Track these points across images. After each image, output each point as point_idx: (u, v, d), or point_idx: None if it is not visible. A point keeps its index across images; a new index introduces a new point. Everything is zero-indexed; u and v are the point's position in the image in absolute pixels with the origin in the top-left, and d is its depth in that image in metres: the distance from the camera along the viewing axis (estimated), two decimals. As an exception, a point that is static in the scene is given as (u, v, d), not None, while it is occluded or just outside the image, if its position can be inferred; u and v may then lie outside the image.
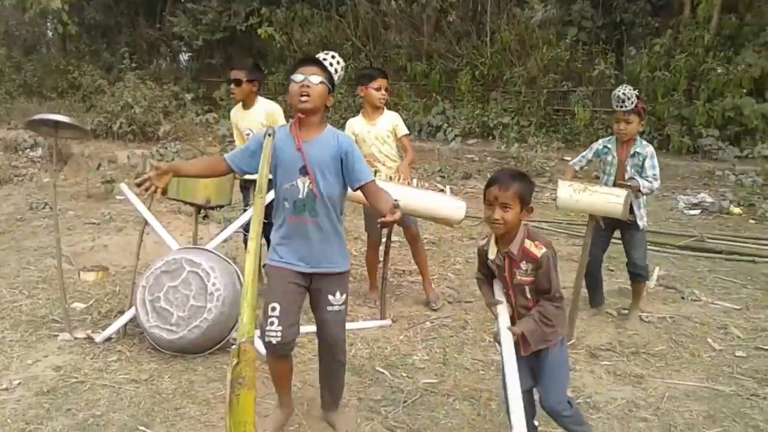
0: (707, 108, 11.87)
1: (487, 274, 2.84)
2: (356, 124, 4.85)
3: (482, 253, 2.79)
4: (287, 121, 3.56)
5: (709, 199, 8.83)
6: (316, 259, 2.94)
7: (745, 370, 3.87)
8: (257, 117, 4.83)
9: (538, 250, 2.59)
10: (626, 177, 4.35)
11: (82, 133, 4.51)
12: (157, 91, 14.77)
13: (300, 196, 2.87)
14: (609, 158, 4.47)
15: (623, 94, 4.27)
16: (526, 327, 2.64)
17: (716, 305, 4.98)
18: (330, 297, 2.97)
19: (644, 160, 4.32)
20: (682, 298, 5.14)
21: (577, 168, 4.64)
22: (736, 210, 8.46)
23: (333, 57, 3.08)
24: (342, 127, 4.65)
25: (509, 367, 2.56)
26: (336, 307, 2.99)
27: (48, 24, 21.68)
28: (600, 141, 4.62)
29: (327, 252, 2.96)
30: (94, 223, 7.17)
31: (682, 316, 4.73)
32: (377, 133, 4.79)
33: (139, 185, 2.87)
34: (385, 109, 4.88)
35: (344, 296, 3.01)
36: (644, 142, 4.42)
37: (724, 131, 11.72)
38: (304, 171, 2.85)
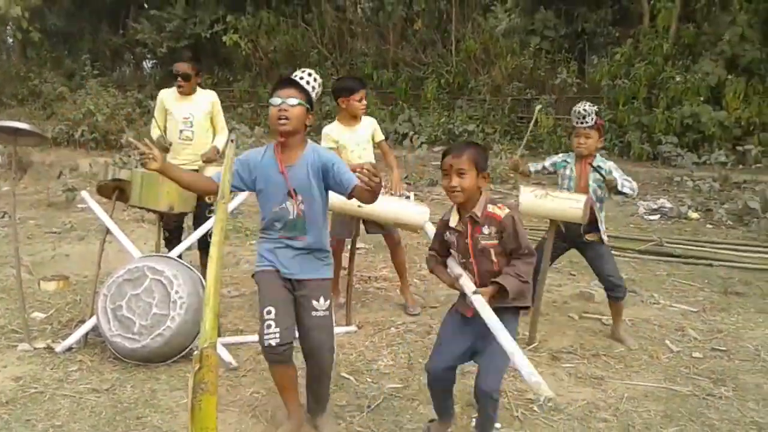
0: (666, 115, 12.14)
1: (439, 252, 2.91)
2: (334, 131, 4.81)
3: (443, 224, 2.84)
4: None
5: (668, 205, 9.03)
6: (302, 269, 3.01)
7: (701, 371, 3.96)
8: (203, 104, 5.09)
9: (501, 211, 2.68)
10: (590, 191, 4.29)
11: (42, 140, 4.46)
12: (120, 98, 14.63)
13: (291, 217, 2.95)
14: (567, 172, 4.42)
15: (584, 110, 4.29)
16: (506, 281, 2.65)
17: (674, 308, 5.10)
18: (314, 302, 3.00)
19: (609, 173, 4.27)
20: (642, 301, 5.25)
21: (532, 170, 4.60)
22: (694, 215, 8.67)
23: (310, 75, 3.12)
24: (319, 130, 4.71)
25: (495, 325, 2.56)
26: (320, 313, 3.01)
27: (8, 30, 21.29)
28: (560, 154, 4.59)
29: (311, 262, 3.03)
30: (54, 232, 7.06)
31: (642, 318, 4.83)
32: (358, 139, 4.81)
33: (141, 154, 2.90)
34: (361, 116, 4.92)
35: (328, 302, 3.05)
36: (603, 158, 4.40)
37: (683, 138, 11.99)
38: (295, 191, 2.92)
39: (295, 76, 3.07)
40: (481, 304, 2.65)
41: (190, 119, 5.03)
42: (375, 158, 4.94)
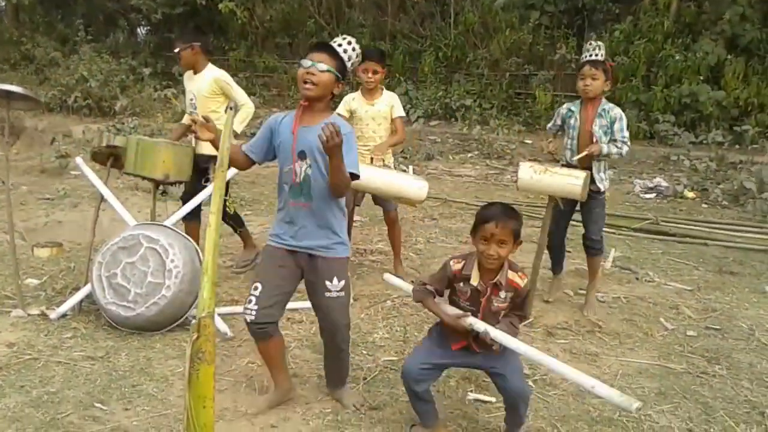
0: (665, 94, 12.07)
1: (438, 288, 2.86)
2: (354, 101, 4.82)
3: (456, 276, 2.79)
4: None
5: (664, 184, 9.02)
6: (313, 242, 2.94)
7: (695, 349, 3.98)
8: (203, 83, 4.78)
9: (521, 281, 2.75)
10: (594, 140, 4.23)
11: (35, 104, 4.39)
12: (114, 64, 14.44)
13: (297, 180, 2.89)
14: (572, 121, 4.36)
15: (595, 43, 4.28)
16: (505, 329, 2.72)
17: (669, 286, 5.11)
18: (327, 283, 2.95)
19: (613, 122, 4.21)
20: (637, 279, 5.26)
21: (552, 132, 4.61)
22: (690, 194, 8.67)
23: (349, 43, 3.00)
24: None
25: (531, 352, 2.66)
26: (334, 294, 2.96)
27: (-1, -7, 20.94)
28: (565, 105, 4.51)
29: (324, 237, 2.95)
30: (48, 199, 7.01)
31: (636, 296, 4.84)
32: (374, 113, 4.79)
33: (192, 123, 2.88)
34: (385, 89, 4.87)
35: (343, 282, 2.98)
36: (610, 105, 4.30)
37: (680, 117, 11.94)
38: (302, 155, 2.86)
39: (335, 42, 2.98)
40: (502, 336, 2.67)
41: (193, 100, 4.83)
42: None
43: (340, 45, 2.96)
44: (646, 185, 9.07)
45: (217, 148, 3.59)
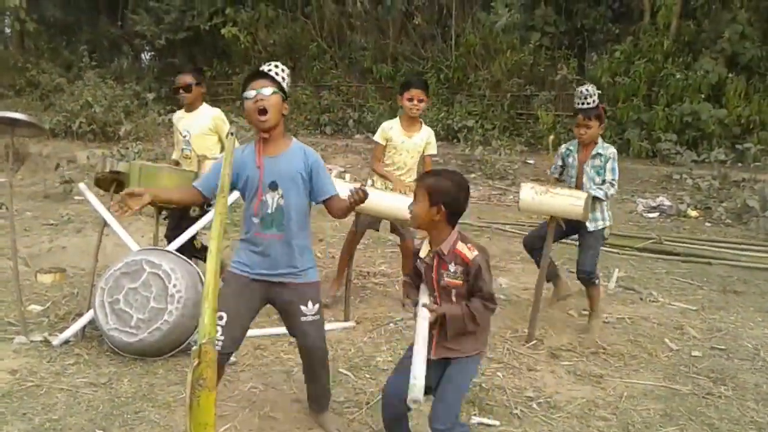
0: (666, 113, 12.13)
1: (416, 278, 2.78)
2: (393, 130, 4.80)
3: (415, 253, 2.77)
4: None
5: (667, 203, 9.02)
6: (284, 271, 2.92)
7: (700, 370, 3.96)
8: (203, 121, 4.76)
9: (470, 253, 2.52)
10: (584, 180, 4.36)
11: (39, 131, 4.43)
12: (118, 90, 14.56)
13: (269, 210, 2.87)
14: (570, 160, 4.50)
15: (586, 90, 4.33)
16: (449, 309, 2.54)
17: (673, 306, 5.09)
18: (302, 308, 2.94)
19: (606, 162, 4.32)
20: (641, 299, 5.25)
21: (556, 176, 4.64)
22: (693, 213, 8.67)
23: (277, 66, 3.07)
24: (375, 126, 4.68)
25: (420, 336, 2.48)
26: (310, 318, 2.96)
27: (6, 20, 21.17)
28: (563, 145, 4.64)
29: (295, 264, 2.94)
30: (51, 224, 7.03)
31: (640, 316, 4.82)
32: (411, 146, 4.78)
33: (119, 206, 2.79)
34: (423, 123, 4.88)
35: (317, 306, 2.98)
36: (606, 144, 4.41)
37: (682, 136, 11.98)
38: (273, 186, 2.85)
39: (268, 70, 3.02)
40: (422, 318, 2.54)
41: (187, 137, 4.78)
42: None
43: (270, 71, 3.00)
44: (649, 204, 9.06)
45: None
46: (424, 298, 2.63)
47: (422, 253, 2.67)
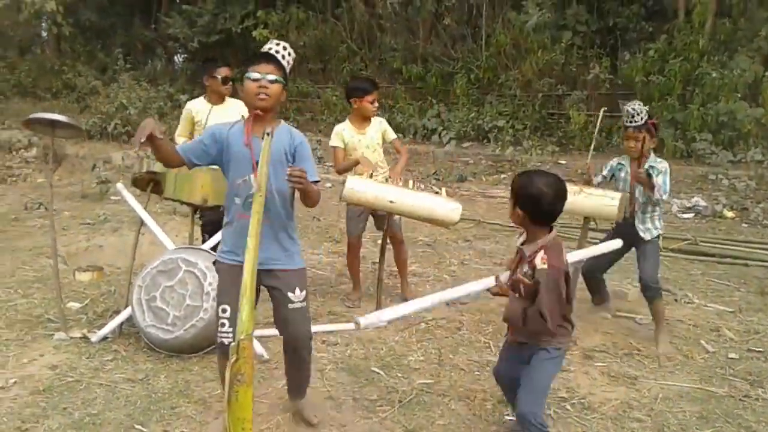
0: (701, 112, 11.91)
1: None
2: (345, 131, 4.84)
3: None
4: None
5: (703, 203, 8.88)
6: (268, 257, 2.90)
7: (737, 372, 3.90)
8: (234, 115, 4.79)
9: (541, 264, 2.61)
10: (636, 194, 4.24)
11: (78, 132, 4.51)
12: (152, 92, 14.79)
13: (252, 191, 2.77)
14: (622, 174, 4.38)
15: (633, 109, 4.18)
16: (511, 300, 2.76)
17: (709, 308, 5.01)
18: (290, 294, 2.97)
19: (657, 175, 4.17)
20: (675, 300, 5.18)
21: (596, 182, 4.49)
22: (729, 214, 8.51)
23: (285, 48, 3.04)
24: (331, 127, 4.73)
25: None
26: (297, 304, 2.98)
27: (43, 24, 21.62)
28: (615, 159, 4.51)
29: (280, 249, 2.96)
30: (89, 224, 7.16)
31: (676, 318, 4.76)
32: (368, 142, 4.82)
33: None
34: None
35: (304, 292, 3.01)
36: (660, 159, 4.29)
37: (718, 135, 11.76)
38: (255, 166, 2.80)
39: (270, 48, 3.00)
40: (484, 284, 2.86)
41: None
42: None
43: (278, 53, 2.98)
44: (684, 205, 8.93)
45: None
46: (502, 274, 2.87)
47: (518, 242, 2.85)
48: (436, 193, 4.69)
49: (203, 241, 4.81)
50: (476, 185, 10.76)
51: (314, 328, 4.27)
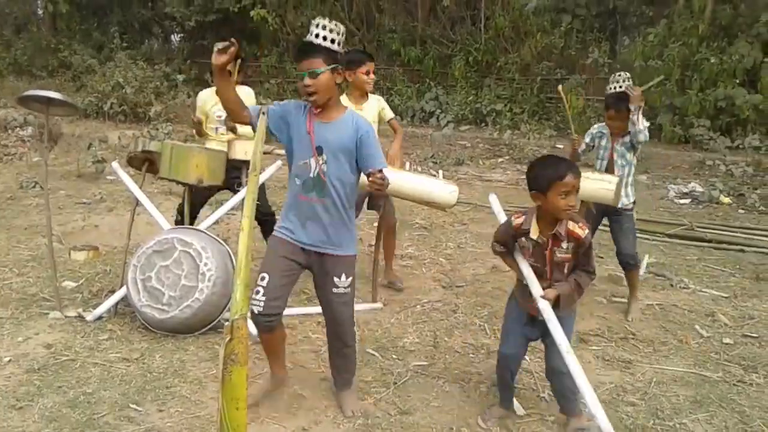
0: (700, 98, 11.88)
1: (506, 248, 3.04)
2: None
3: (517, 231, 2.94)
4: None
5: (699, 189, 8.88)
6: (323, 239, 2.95)
7: (732, 357, 3.91)
8: (243, 97, 4.74)
9: (581, 231, 2.81)
10: (615, 157, 4.36)
11: (73, 110, 4.48)
12: (148, 71, 14.66)
13: (311, 174, 2.89)
14: (603, 142, 4.46)
15: (619, 75, 4.34)
16: (562, 289, 2.85)
17: (704, 293, 5.02)
18: (335, 279, 2.98)
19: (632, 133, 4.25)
20: (671, 285, 5.18)
21: (580, 153, 4.61)
22: (726, 200, 8.51)
23: (331, 31, 2.94)
24: None
25: (559, 338, 2.79)
26: (341, 290, 3.00)
27: (38, 2, 21.39)
28: (595, 126, 4.61)
29: (334, 234, 2.96)
30: (84, 203, 7.14)
31: (671, 303, 4.77)
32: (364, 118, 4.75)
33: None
34: (369, 93, 4.84)
35: (350, 279, 3.02)
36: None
37: (716, 121, 11.75)
38: (319, 150, 2.87)
39: (317, 36, 2.91)
40: (547, 310, 2.83)
41: (222, 117, 4.77)
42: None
43: (325, 38, 2.90)
44: (681, 190, 8.93)
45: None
46: (534, 285, 2.89)
47: (533, 234, 2.88)
48: (434, 175, 4.67)
49: (176, 220, 4.77)
50: (474, 169, 10.73)
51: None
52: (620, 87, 4.27)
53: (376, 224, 4.88)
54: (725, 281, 5.34)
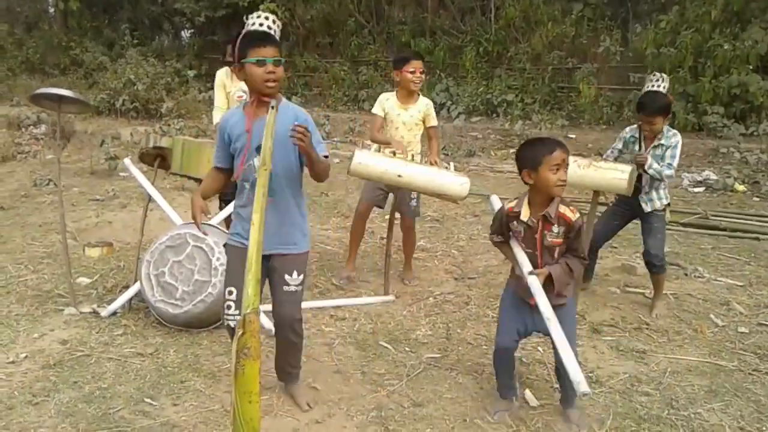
0: (713, 85, 11.76)
1: (504, 237, 3.05)
2: (389, 102, 4.77)
3: (510, 215, 2.96)
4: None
5: (714, 177, 8.81)
6: (273, 240, 2.88)
7: (747, 346, 3.88)
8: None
9: (572, 215, 2.84)
10: (647, 164, 4.19)
11: (85, 107, 4.51)
12: (159, 68, 14.71)
13: (256, 175, 2.74)
14: (636, 148, 4.33)
15: (660, 75, 4.31)
16: (553, 269, 2.86)
17: (719, 282, 4.99)
18: (287, 277, 2.95)
19: (667, 149, 4.18)
20: (686, 274, 5.15)
21: (612, 159, 4.47)
22: (740, 187, 8.44)
23: (274, 22, 2.96)
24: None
25: (548, 313, 2.78)
26: (292, 288, 2.97)
27: (49, 0, 21.50)
28: (627, 129, 4.47)
29: (285, 233, 2.94)
30: (98, 200, 7.18)
31: (685, 292, 4.74)
32: (406, 119, 4.73)
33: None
34: (420, 95, 4.82)
35: (301, 276, 2.99)
36: (672, 132, 4.24)
37: (730, 108, 11.63)
38: (259, 149, 2.76)
39: (258, 23, 2.89)
40: (535, 285, 2.83)
41: (245, 97, 4.83)
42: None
43: (269, 27, 2.89)
44: (695, 178, 8.86)
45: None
46: (525, 263, 2.90)
47: (524, 216, 2.90)
48: (445, 167, 4.66)
49: (220, 208, 4.79)
50: (485, 160, 10.70)
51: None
52: (654, 87, 4.22)
53: (387, 217, 4.88)
54: (740, 270, 5.30)
